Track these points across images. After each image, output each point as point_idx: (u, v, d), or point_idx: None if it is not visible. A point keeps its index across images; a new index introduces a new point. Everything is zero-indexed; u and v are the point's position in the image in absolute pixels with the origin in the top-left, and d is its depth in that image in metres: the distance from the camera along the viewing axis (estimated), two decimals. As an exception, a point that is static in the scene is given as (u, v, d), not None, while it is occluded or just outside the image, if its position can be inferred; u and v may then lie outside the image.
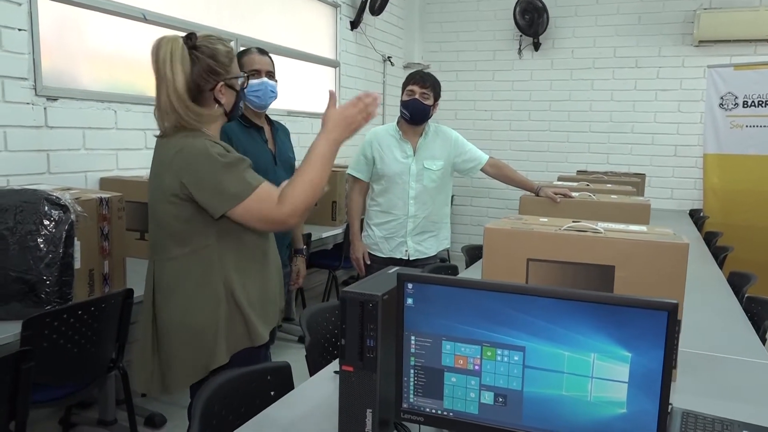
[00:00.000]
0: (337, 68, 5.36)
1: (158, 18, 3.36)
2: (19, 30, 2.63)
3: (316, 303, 2.46)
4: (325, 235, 4.14)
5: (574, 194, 2.69)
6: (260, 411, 1.44)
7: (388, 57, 6.13)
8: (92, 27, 3.05)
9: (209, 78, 1.64)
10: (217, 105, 1.68)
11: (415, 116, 2.90)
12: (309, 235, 3.66)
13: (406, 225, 2.97)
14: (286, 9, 4.68)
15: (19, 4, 2.62)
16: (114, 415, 2.72)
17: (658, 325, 1.02)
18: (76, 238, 2.11)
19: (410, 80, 2.92)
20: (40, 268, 2.01)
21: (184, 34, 1.64)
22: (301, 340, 3.40)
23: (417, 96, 2.87)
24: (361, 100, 1.64)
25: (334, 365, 1.72)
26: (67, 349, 2.04)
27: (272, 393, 1.58)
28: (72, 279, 2.09)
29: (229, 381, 1.50)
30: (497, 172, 3.09)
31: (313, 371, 1.79)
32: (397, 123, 3.00)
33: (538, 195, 2.73)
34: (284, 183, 1.67)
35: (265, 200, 1.58)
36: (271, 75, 2.47)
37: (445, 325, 1.16)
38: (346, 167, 4.67)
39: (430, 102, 2.90)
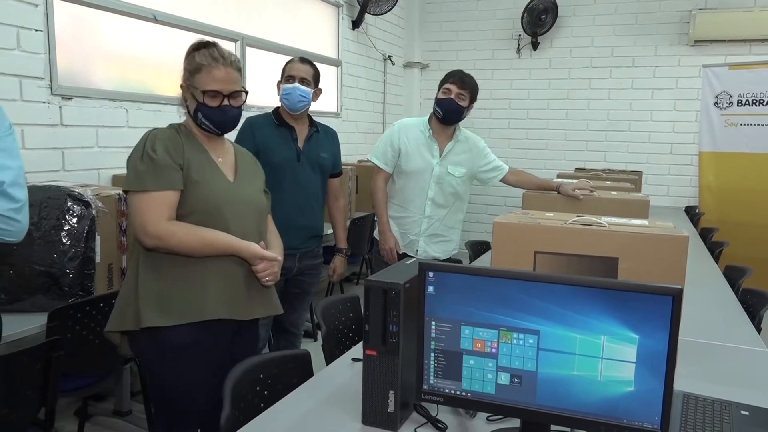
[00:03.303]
0: (339, 67, 5.43)
1: (168, 18, 3.42)
2: (36, 30, 2.69)
3: (318, 298, 2.53)
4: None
5: (593, 189, 2.67)
6: (283, 396, 1.52)
7: (389, 56, 6.21)
8: (105, 27, 3.12)
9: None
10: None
11: (447, 116, 2.87)
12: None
13: (420, 224, 2.97)
14: (289, 9, 4.75)
15: (36, 6, 2.68)
16: (129, 406, 2.80)
17: (663, 309, 1.10)
18: (97, 233, 2.19)
19: (449, 78, 2.88)
20: (64, 261, 2.08)
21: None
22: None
23: (453, 95, 2.84)
24: (268, 266, 1.82)
25: (351, 353, 1.81)
26: (89, 340, 2.12)
27: (294, 380, 1.66)
28: (93, 272, 2.17)
29: (253, 367, 1.58)
30: (517, 179, 3.06)
31: (329, 360, 1.87)
32: (428, 120, 2.97)
33: (559, 193, 2.70)
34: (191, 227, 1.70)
35: (149, 206, 1.65)
36: (305, 81, 2.57)
37: (464, 310, 1.24)
38: (349, 165, 4.75)
39: (465, 104, 2.87)
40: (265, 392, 1.59)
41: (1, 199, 1.34)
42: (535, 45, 6.22)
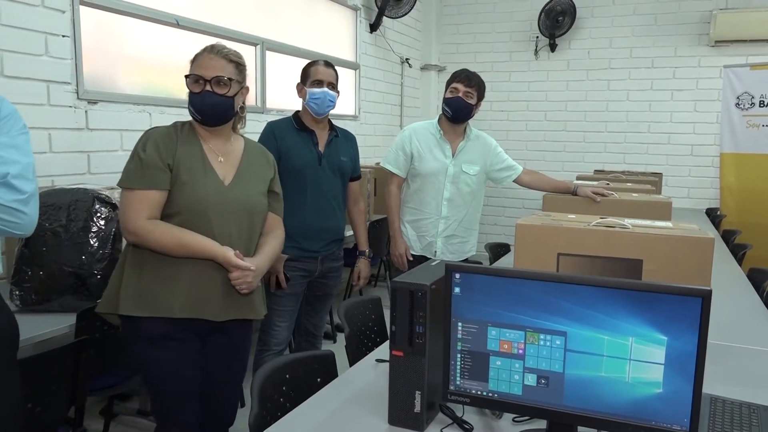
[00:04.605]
0: (357, 70, 5.46)
1: (190, 23, 3.47)
2: (63, 36, 2.74)
3: (337, 300, 2.54)
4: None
5: (611, 192, 2.69)
6: (309, 396, 1.53)
7: (406, 59, 6.22)
8: (129, 33, 3.17)
9: None
10: None
11: (457, 114, 2.89)
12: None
13: (437, 225, 2.97)
14: (308, 13, 4.79)
15: (63, 12, 2.74)
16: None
17: (692, 311, 1.10)
18: (123, 235, 2.22)
19: (455, 78, 2.91)
20: (92, 263, 2.12)
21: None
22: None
23: (461, 94, 2.86)
24: (241, 276, 1.78)
25: (375, 354, 1.82)
26: (116, 340, 2.15)
27: (318, 380, 1.67)
28: (120, 274, 2.20)
29: (279, 367, 1.60)
30: (533, 179, 3.08)
31: (352, 361, 1.88)
32: (438, 121, 3.00)
33: (576, 195, 2.73)
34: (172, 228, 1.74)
35: (131, 204, 1.73)
36: (332, 86, 2.60)
37: (491, 312, 1.25)
38: (367, 168, 4.77)
39: (473, 101, 2.89)
40: (291, 392, 1.61)
41: (6, 190, 1.32)
42: (552, 47, 6.20)
